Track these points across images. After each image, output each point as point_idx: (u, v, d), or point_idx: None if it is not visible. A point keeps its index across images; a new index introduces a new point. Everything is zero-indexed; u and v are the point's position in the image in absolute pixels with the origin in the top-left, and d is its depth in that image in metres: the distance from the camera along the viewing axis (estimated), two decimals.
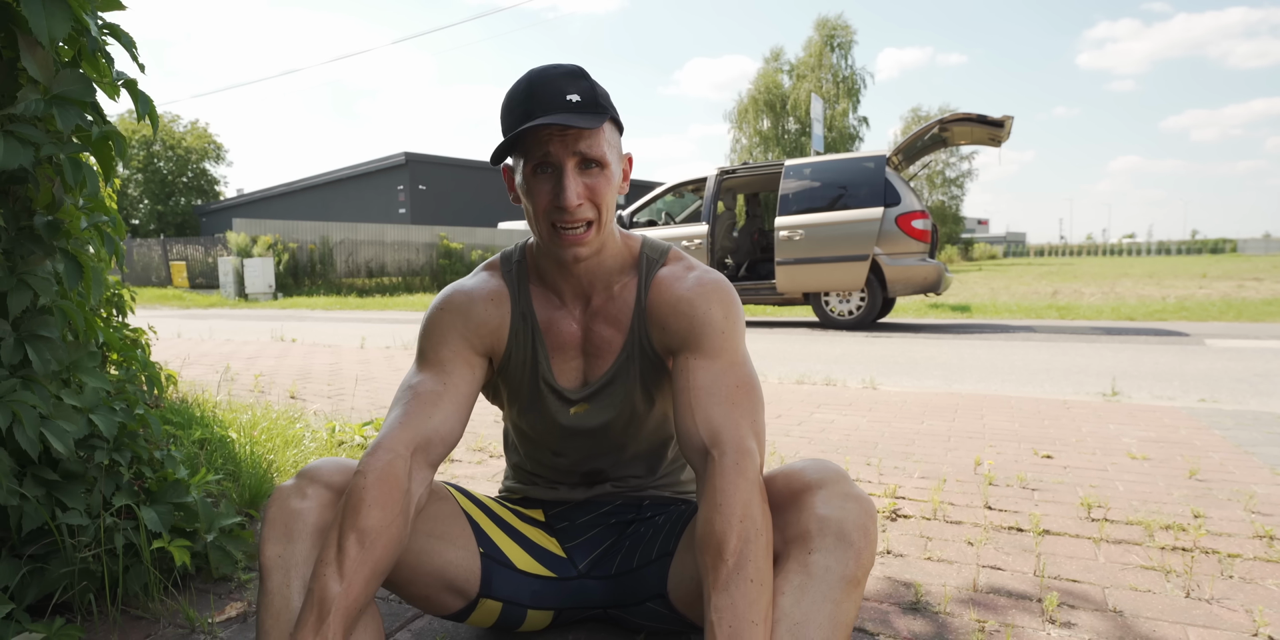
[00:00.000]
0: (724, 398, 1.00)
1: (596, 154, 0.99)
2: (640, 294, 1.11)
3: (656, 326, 1.10)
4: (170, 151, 35.41)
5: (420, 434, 1.00)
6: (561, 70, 1.00)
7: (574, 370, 1.15)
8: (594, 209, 1.01)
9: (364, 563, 0.89)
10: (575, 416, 1.15)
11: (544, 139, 0.97)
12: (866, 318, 7.46)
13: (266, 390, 3.90)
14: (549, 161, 0.98)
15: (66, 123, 1.30)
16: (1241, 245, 70.92)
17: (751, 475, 0.93)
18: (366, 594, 0.90)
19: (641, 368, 1.12)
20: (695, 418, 0.99)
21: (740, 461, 0.93)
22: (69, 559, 1.38)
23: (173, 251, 20.10)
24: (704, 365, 1.03)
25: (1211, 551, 1.66)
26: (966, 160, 38.02)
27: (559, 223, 1.00)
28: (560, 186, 0.98)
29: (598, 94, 0.99)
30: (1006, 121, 6.93)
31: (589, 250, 1.03)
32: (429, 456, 1.00)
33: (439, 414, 1.02)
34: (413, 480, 0.97)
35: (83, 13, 1.30)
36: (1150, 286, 14.03)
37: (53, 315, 1.38)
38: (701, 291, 1.08)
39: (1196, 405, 3.37)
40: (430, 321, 1.11)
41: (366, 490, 0.92)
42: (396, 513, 0.93)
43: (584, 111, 0.97)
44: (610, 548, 1.22)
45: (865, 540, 0.91)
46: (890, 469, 2.37)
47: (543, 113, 0.96)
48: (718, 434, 0.97)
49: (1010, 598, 1.46)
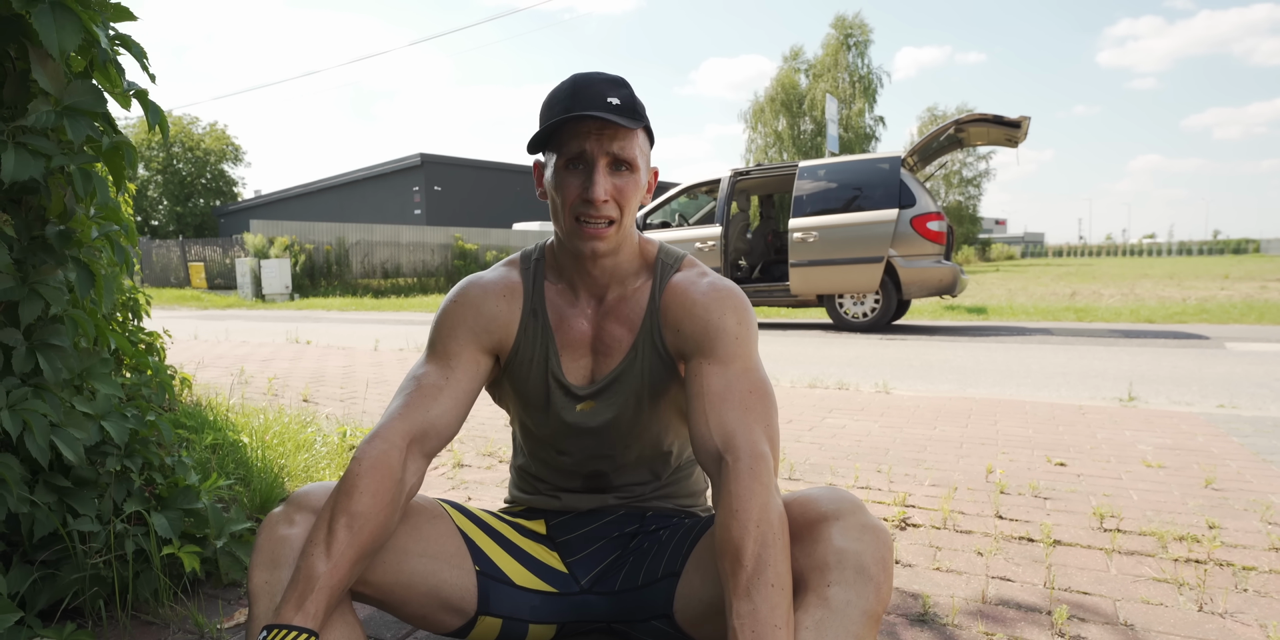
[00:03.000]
0: (738, 403, 1.01)
1: (628, 155, 1.03)
2: (654, 295, 1.13)
3: (670, 328, 1.12)
4: (189, 153, 35.79)
5: (417, 425, 1.03)
6: (605, 76, 1.05)
7: (583, 368, 1.16)
8: (618, 209, 1.04)
9: (351, 545, 0.92)
10: (581, 413, 1.16)
11: (581, 134, 1.02)
12: (881, 320, 7.42)
13: (280, 393, 3.93)
14: (583, 158, 1.03)
15: (77, 134, 1.31)
16: (1265, 245, 69.92)
17: (766, 479, 0.93)
18: (351, 575, 0.93)
19: (651, 366, 1.14)
20: (709, 423, 1.00)
21: (755, 466, 0.94)
22: (80, 565, 1.39)
23: (191, 252, 20.33)
24: (717, 371, 1.04)
25: (1226, 564, 1.64)
26: (984, 160, 37.72)
27: (583, 216, 1.04)
28: (590, 181, 1.02)
29: (637, 103, 1.05)
30: (1023, 122, 6.87)
31: (608, 246, 1.06)
32: (424, 447, 1.03)
33: (438, 407, 1.05)
34: (406, 470, 1.00)
35: (93, 25, 1.31)
36: (1170, 288, 13.86)
37: (64, 324, 1.40)
38: (716, 297, 1.10)
39: (1215, 411, 3.32)
40: (443, 313, 1.15)
41: (360, 477, 0.96)
42: (387, 500, 0.96)
43: (622, 114, 1.02)
44: (614, 563, 1.21)
45: (884, 573, 0.90)
46: (901, 476, 2.35)
47: (583, 111, 1.01)
48: (731, 439, 0.97)
49: (1020, 610, 1.44)
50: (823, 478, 2.34)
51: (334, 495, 0.96)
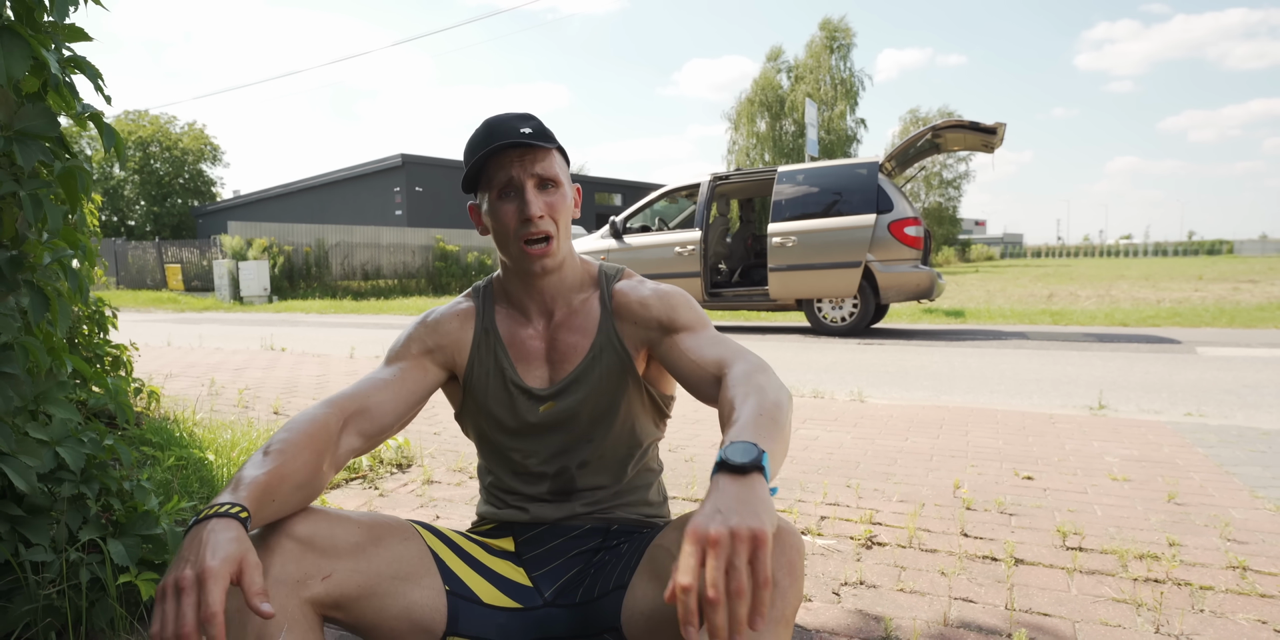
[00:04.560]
0: (717, 345, 1.13)
1: (551, 173, 1.15)
2: (605, 300, 1.24)
3: (627, 323, 1.22)
4: (167, 152, 35.38)
5: (359, 404, 1.11)
6: (514, 114, 1.17)
7: (540, 376, 1.24)
8: (553, 223, 1.15)
9: (281, 465, 0.95)
10: (545, 414, 1.23)
11: (505, 164, 1.13)
12: (859, 324, 7.46)
13: (251, 405, 3.89)
14: (511, 184, 1.13)
15: (28, 159, 1.29)
16: (1238, 246, 71.05)
17: (762, 366, 1.03)
18: (282, 488, 0.95)
19: (609, 364, 1.21)
20: (699, 364, 1.10)
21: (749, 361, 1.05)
22: (32, 596, 1.37)
23: (168, 254, 20.09)
24: (688, 336, 1.16)
25: (1184, 583, 1.66)
26: (964, 162, 38.02)
27: (525, 237, 1.14)
28: (524, 201, 1.13)
29: (546, 129, 1.16)
30: (999, 128, 6.93)
31: (554, 261, 1.16)
32: (360, 426, 1.10)
33: (381, 395, 1.14)
34: (341, 436, 1.07)
35: (42, 49, 1.29)
36: (1145, 289, 14.04)
37: (14, 351, 1.37)
38: (664, 294, 1.22)
39: (1182, 420, 3.37)
40: (402, 333, 1.27)
41: (296, 423, 1.03)
42: (317, 450, 1.01)
43: (535, 138, 1.13)
44: (576, 576, 1.23)
45: (790, 578, 0.90)
46: (870, 492, 2.36)
47: (500, 140, 1.12)
48: (722, 359, 1.08)
49: (980, 633, 1.45)
50: (792, 493, 2.35)
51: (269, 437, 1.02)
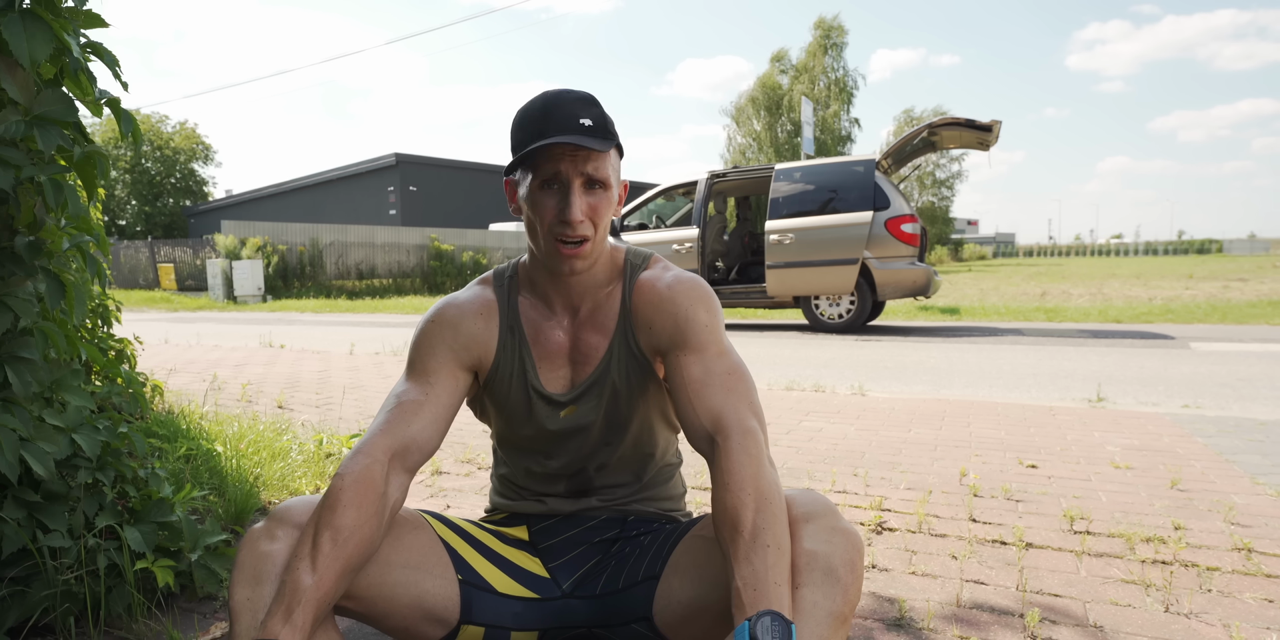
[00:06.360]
0: (720, 386, 1.05)
1: (602, 175, 1.06)
2: (625, 298, 1.18)
3: (642, 328, 1.16)
4: (158, 152, 35.19)
5: (399, 441, 1.04)
6: (576, 95, 1.08)
7: (561, 378, 1.19)
8: (592, 227, 1.07)
9: (337, 559, 0.92)
10: (565, 419, 1.19)
11: (555, 157, 1.04)
12: (856, 321, 7.49)
13: (254, 399, 3.89)
14: (558, 178, 1.05)
15: (48, 143, 1.30)
16: (1227, 245, 71.48)
17: (756, 451, 0.97)
18: (337, 589, 0.93)
19: (627, 368, 1.17)
20: (696, 408, 1.04)
21: (745, 441, 0.98)
22: (50, 581, 1.37)
23: (160, 253, 19.99)
24: (694, 360, 1.09)
25: (1191, 565, 1.68)
26: (957, 161, 38.16)
27: (561, 236, 1.07)
28: (566, 203, 1.05)
29: (607, 121, 1.08)
30: (994, 126, 6.97)
31: (586, 263, 1.10)
32: (406, 462, 1.05)
33: (418, 422, 1.07)
34: (389, 484, 1.01)
35: (64, 33, 1.29)
36: (1137, 287, 14.12)
37: (34, 336, 1.38)
38: (681, 289, 1.15)
39: (1180, 411, 3.40)
40: (420, 333, 1.17)
41: (343, 492, 0.96)
42: (371, 513, 0.97)
43: (595, 135, 1.05)
44: (595, 567, 1.22)
45: (852, 576, 0.91)
46: (877, 480, 2.38)
47: (557, 132, 1.03)
48: (720, 419, 1.02)
49: (993, 613, 1.47)
50: (800, 482, 2.37)
51: (318, 510, 0.96)
